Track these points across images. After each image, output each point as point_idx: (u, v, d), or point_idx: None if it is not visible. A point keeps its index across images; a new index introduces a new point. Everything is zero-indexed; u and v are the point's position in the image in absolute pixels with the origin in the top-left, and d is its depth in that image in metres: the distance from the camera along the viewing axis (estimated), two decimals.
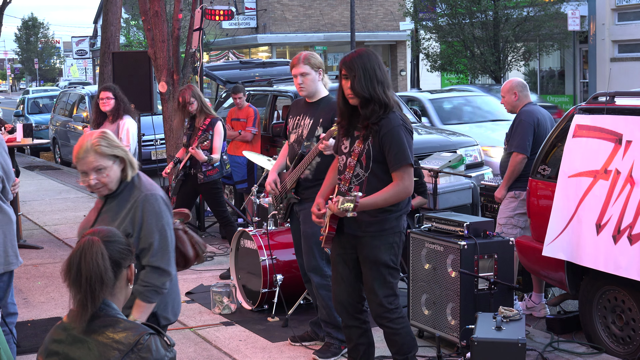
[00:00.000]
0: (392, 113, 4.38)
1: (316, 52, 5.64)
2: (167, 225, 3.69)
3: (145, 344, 2.72)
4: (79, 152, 3.66)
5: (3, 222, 4.83)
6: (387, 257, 4.45)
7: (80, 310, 2.74)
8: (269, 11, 37.34)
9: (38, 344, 5.89)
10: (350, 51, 4.56)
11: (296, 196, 5.48)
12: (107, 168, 3.64)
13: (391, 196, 4.35)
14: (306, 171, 5.41)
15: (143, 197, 3.66)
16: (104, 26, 15.27)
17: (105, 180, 3.65)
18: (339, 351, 5.47)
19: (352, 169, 4.45)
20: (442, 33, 24.83)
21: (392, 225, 4.45)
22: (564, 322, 6.08)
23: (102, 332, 2.74)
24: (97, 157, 3.61)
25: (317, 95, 5.45)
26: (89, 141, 3.64)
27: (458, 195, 9.01)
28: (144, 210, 3.63)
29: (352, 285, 4.61)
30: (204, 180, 7.98)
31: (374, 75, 4.36)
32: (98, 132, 3.70)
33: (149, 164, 14.38)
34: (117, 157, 3.66)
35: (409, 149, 4.35)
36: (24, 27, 75.95)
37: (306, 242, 5.50)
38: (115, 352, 2.69)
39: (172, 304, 3.84)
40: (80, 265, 2.73)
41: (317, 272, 5.48)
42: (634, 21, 24.65)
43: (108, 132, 3.71)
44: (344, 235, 4.54)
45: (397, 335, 4.53)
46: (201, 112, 8.01)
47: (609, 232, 5.22)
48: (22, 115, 23.29)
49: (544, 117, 6.64)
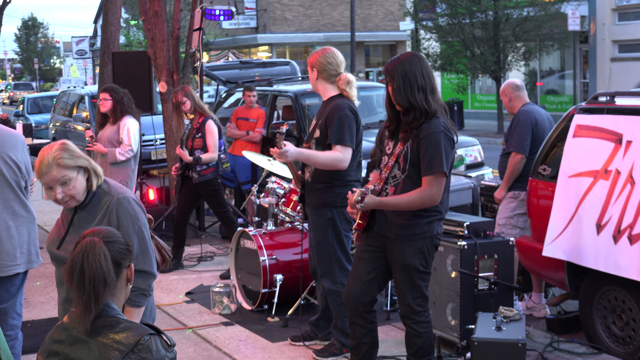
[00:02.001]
0: (436, 118, 4.32)
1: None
2: (143, 227, 3.64)
3: (146, 344, 2.72)
4: (41, 167, 3.53)
5: (28, 221, 4.88)
6: (416, 261, 4.42)
7: (84, 312, 2.74)
8: (269, 11, 37.35)
9: (38, 344, 5.90)
10: (396, 55, 4.47)
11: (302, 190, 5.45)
12: (72, 180, 3.53)
13: (415, 201, 4.30)
14: (307, 173, 5.38)
15: (115, 202, 3.58)
16: (104, 26, 15.25)
17: (72, 193, 3.55)
18: (339, 353, 5.47)
19: (390, 169, 4.43)
20: (442, 33, 24.83)
21: (423, 230, 4.41)
22: (564, 322, 6.08)
23: (103, 333, 2.74)
24: (61, 169, 3.50)
25: (325, 95, 5.39)
26: (49, 155, 3.52)
27: (458, 195, 9.00)
28: (118, 214, 3.56)
29: (367, 285, 4.59)
30: (199, 180, 7.97)
31: (414, 82, 4.31)
32: (58, 144, 3.58)
33: (149, 164, 14.38)
34: (81, 167, 3.56)
35: (444, 157, 4.27)
36: (24, 27, 75.96)
37: (315, 249, 5.49)
38: (115, 353, 2.69)
39: (150, 309, 3.81)
40: (83, 267, 2.73)
41: (328, 278, 5.46)
42: (634, 21, 24.65)
43: (68, 143, 3.61)
44: (374, 233, 4.53)
45: (419, 338, 4.53)
46: (195, 111, 8.05)
47: (609, 232, 5.22)
48: (22, 115, 23.28)
49: (541, 116, 6.64)
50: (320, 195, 5.33)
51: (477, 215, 8.15)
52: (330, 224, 5.35)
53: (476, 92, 30.53)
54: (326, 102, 5.35)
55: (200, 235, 9.56)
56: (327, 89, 5.36)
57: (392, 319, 6.18)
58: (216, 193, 8.14)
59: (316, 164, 5.21)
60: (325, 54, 5.33)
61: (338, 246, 5.40)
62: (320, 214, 5.36)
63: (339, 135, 5.15)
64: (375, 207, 4.40)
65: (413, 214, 4.37)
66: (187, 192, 8.16)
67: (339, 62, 5.34)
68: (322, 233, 5.38)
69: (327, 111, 5.25)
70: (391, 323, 6.13)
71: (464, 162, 9.40)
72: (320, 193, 5.32)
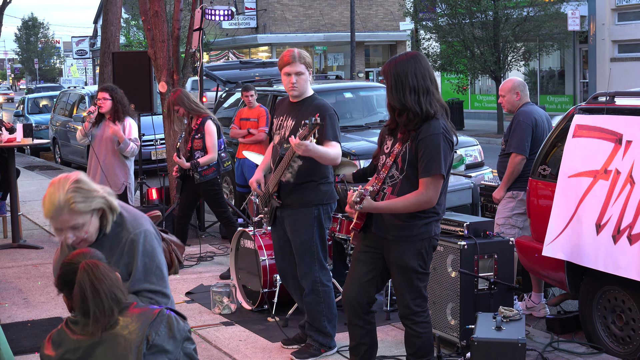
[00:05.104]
0: (435, 120, 4.28)
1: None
2: (162, 264, 3.38)
3: (167, 314, 2.77)
4: (50, 209, 3.12)
5: None
6: (414, 262, 4.41)
7: (98, 322, 2.76)
8: (269, 11, 37.35)
9: (38, 344, 5.90)
10: (397, 54, 4.47)
11: (278, 200, 5.38)
12: (85, 224, 3.16)
13: (412, 204, 4.28)
14: (287, 174, 5.31)
15: (132, 239, 3.28)
16: (104, 26, 15.27)
17: (84, 237, 3.21)
18: (317, 353, 5.47)
19: (388, 169, 4.41)
20: (442, 33, 24.83)
21: (421, 231, 4.39)
22: (564, 322, 6.08)
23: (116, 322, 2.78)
24: (73, 215, 3.10)
25: (303, 95, 5.37)
26: (61, 196, 3.11)
27: (458, 195, 9.01)
28: (134, 253, 3.26)
29: (364, 286, 4.58)
30: (200, 180, 7.97)
31: (405, 83, 4.27)
32: (71, 181, 3.17)
33: (149, 164, 14.40)
34: (95, 209, 3.20)
35: (442, 159, 4.24)
36: (24, 27, 75.99)
37: (296, 251, 5.44)
38: (138, 325, 2.73)
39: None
40: (95, 287, 2.75)
41: (309, 278, 5.45)
42: (634, 21, 24.65)
43: (82, 180, 3.20)
44: (371, 234, 4.52)
45: (418, 338, 4.53)
46: (190, 114, 8.00)
47: (608, 232, 5.22)
48: (22, 115, 23.27)
49: (541, 117, 6.63)
50: (305, 194, 5.31)
51: (476, 215, 8.15)
52: (316, 223, 5.36)
53: (476, 92, 30.55)
54: (302, 102, 5.33)
55: (200, 235, 9.56)
56: (309, 89, 5.41)
57: (391, 319, 6.18)
58: (216, 193, 8.13)
59: (326, 159, 5.13)
60: (306, 52, 5.43)
61: (320, 245, 5.42)
62: (305, 213, 5.34)
63: (334, 133, 5.20)
64: (371, 211, 4.39)
65: (410, 216, 4.36)
66: (188, 191, 8.16)
67: None
68: (307, 233, 5.36)
69: (311, 110, 5.20)
70: (391, 323, 6.13)
71: (464, 162, 9.40)
72: (306, 191, 5.31)
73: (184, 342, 2.83)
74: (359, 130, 9.74)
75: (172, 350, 2.76)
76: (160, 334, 2.75)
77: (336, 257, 6.75)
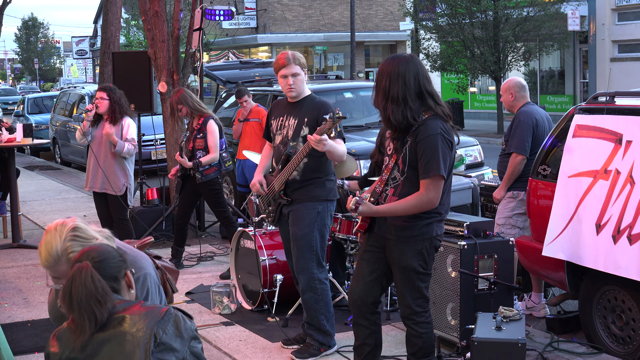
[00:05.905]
0: (433, 120, 4.25)
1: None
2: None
3: (174, 313, 2.78)
4: (47, 259, 3.00)
5: None
6: (415, 262, 4.40)
7: (80, 330, 2.75)
8: (269, 11, 37.35)
9: (38, 344, 5.90)
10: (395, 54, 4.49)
11: (286, 198, 5.46)
12: None
13: (412, 206, 4.28)
14: (294, 172, 5.39)
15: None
16: (104, 26, 15.27)
17: None
18: (317, 352, 5.48)
19: (390, 171, 4.42)
20: (442, 33, 24.84)
21: (422, 231, 4.38)
22: (564, 322, 6.08)
23: (123, 320, 2.77)
24: (71, 265, 2.90)
25: (301, 95, 5.46)
26: (58, 245, 2.99)
27: (458, 195, 9.00)
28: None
29: (369, 286, 4.58)
30: (202, 180, 7.97)
31: (387, 90, 4.25)
32: (68, 228, 3.04)
33: (149, 164, 14.40)
34: None
35: (442, 160, 4.22)
36: (24, 27, 75.98)
37: (295, 244, 5.47)
38: (146, 323, 2.72)
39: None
40: (72, 292, 2.74)
41: (305, 274, 5.46)
42: (634, 21, 24.65)
43: (79, 227, 3.06)
44: (375, 234, 4.53)
45: (419, 338, 4.53)
46: (193, 113, 8.01)
47: (608, 232, 5.22)
48: (22, 115, 23.27)
49: (542, 117, 6.63)
50: (311, 189, 5.40)
51: (477, 215, 8.14)
52: (318, 218, 5.41)
53: (476, 92, 30.55)
54: (301, 101, 5.44)
55: (200, 235, 9.56)
56: (306, 89, 5.52)
57: (392, 318, 6.18)
58: (217, 193, 8.14)
59: (336, 155, 5.25)
60: (299, 54, 5.52)
61: (320, 241, 5.44)
62: (310, 207, 5.41)
63: (340, 131, 5.29)
64: (371, 215, 4.40)
65: (412, 216, 4.35)
66: (188, 191, 8.16)
67: None
68: (309, 226, 5.40)
69: (312, 109, 5.35)
70: (391, 323, 6.13)
71: (464, 162, 9.40)
72: (312, 187, 5.40)
73: (191, 340, 2.84)
74: (359, 130, 9.74)
75: (179, 349, 2.77)
76: (167, 332, 2.75)
77: (336, 257, 6.75)
